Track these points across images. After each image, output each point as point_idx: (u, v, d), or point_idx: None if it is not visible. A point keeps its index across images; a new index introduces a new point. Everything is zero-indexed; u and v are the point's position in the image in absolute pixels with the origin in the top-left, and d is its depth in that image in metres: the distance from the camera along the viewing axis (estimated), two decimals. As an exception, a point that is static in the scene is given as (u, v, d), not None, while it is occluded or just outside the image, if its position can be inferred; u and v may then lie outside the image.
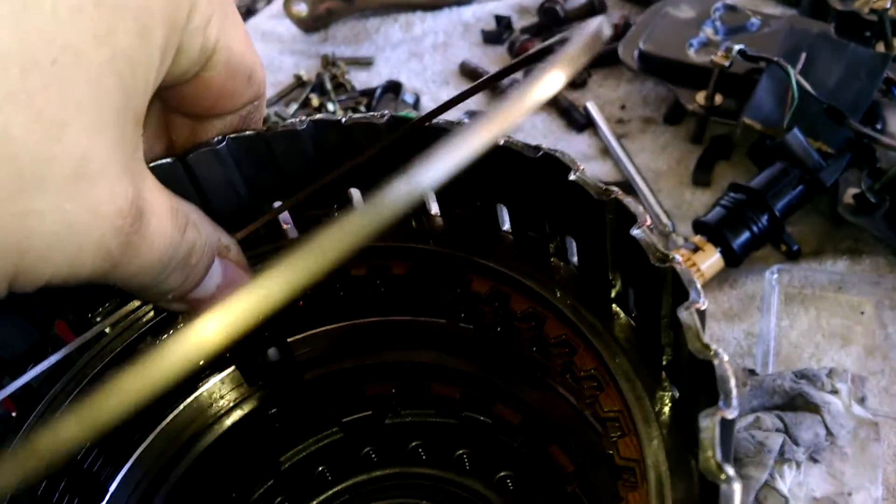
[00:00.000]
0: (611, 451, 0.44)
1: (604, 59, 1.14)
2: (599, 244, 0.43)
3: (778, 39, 0.95)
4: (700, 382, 0.33)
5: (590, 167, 1.01)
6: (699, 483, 0.31)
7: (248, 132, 0.48)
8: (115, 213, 0.33)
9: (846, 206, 0.85)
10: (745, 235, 0.83)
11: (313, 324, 0.58)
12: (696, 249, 0.84)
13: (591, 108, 1.07)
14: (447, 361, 0.58)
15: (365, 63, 1.25)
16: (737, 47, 0.92)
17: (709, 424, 0.29)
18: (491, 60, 1.22)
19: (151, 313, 0.50)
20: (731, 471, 0.28)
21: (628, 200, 0.39)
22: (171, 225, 0.37)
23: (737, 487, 0.28)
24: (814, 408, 0.73)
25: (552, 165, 0.42)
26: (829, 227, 0.89)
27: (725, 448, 0.30)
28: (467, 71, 1.19)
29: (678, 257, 0.36)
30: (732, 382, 0.32)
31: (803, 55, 0.89)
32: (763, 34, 1.02)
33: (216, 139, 0.48)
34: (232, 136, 0.48)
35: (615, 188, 0.40)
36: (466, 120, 0.45)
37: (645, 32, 1.05)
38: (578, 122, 1.06)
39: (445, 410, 0.60)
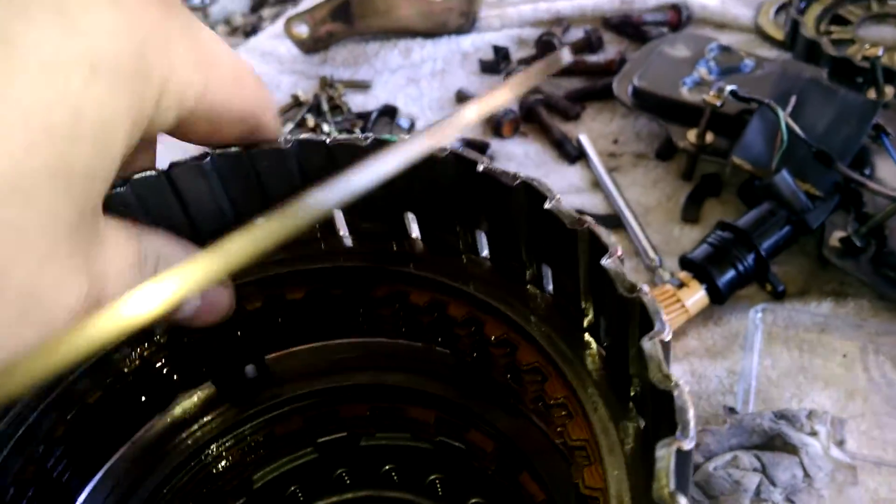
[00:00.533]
0: (577, 481, 0.44)
1: (598, 94, 1.15)
2: (573, 273, 0.43)
3: (770, 81, 0.96)
4: (661, 413, 0.33)
5: (580, 199, 1.02)
6: None
7: (232, 149, 0.49)
8: (68, 311, 0.33)
9: (832, 249, 0.86)
10: (731, 274, 0.84)
11: (291, 342, 0.58)
12: (681, 285, 0.85)
13: (584, 140, 1.08)
14: (423, 385, 0.58)
15: (362, 86, 1.26)
16: (729, 88, 0.93)
17: (664, 454, 0.29)
18: (487, 89, 1.23)
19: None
20: (684, 501, 0.29)
21: (601, 231, 0.40)
22: (136, 278, 0.37)
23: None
24: (792, 449, 0.73)
25: (529, 193, 0.42)
26: (814, 268, 0.89)
27: (681, 479, 0.30)
28: (463, 99, 1.20)
29: (646, 288, 0.37)
30: (691, 413, 0.32)
31: (793, 98, 0.90)
32: (756, 76, 1.03)
33: (200, 154, 0.49)
34: (217, 152, 0.49)
35: (589, 218, 0.40)
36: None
37: (640, 69, 1.06)
38: (571, 154, 1.07)
39: (420, 434, 0.59)
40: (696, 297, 0.84)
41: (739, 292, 0.86)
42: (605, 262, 0.38)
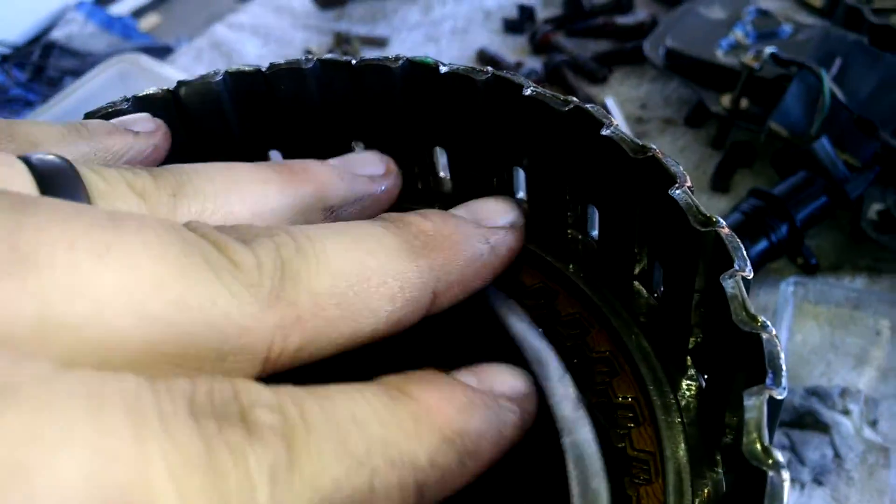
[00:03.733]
0: (621, 444, 0.40)
1: (627, 57, 1.10)
2: (628, 211, 0.38)
3: (810, 46, 0.92)
4: (742, 360, 0.29)
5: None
6: (737, 473, 0.27)
7: (246, 68, 0.44)
8: None
9: (869, 222, 0.81)
10: (763, 244, 0.80)
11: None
12: (710, 255, 0.80)
13: (611, 104, 1.03)
14: (440, 338, 0.53)
15: (379, 43, 1.21)
16: (769, 50, 0.88)
17: (755, 403, 0.25)
18: (511, 50, 1.18)
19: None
20: (780, 457, 0.24)
21: (668, 160, 0.35)
22: None
23: (786, 476, 0.24)
24: (823, 427, 0.69)
25: (583, 119, 0.38)
26: (848, 242, 0.85)
27: (772, 433, 0.26)
28: (485, 59, 1.15)
29: (722, 220, 0.32)
30: (783, 358, 0.28)
31: (837, 61, 0.86)
32: (795, 41, 0.98)
33: (212, 72, 0.44)
34: (230, 70, 0.44)
35: (653, 146, 0.36)
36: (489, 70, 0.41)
37: (673, 30, 1.01)
38: (596, 118, 1.03)
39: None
40: (725, 268, 0.80)
41: (770, 265, 0.82)
42: (675, 192, 0.33)
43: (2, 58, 2.32)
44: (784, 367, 0.27)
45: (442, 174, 0.49)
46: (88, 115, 0.43)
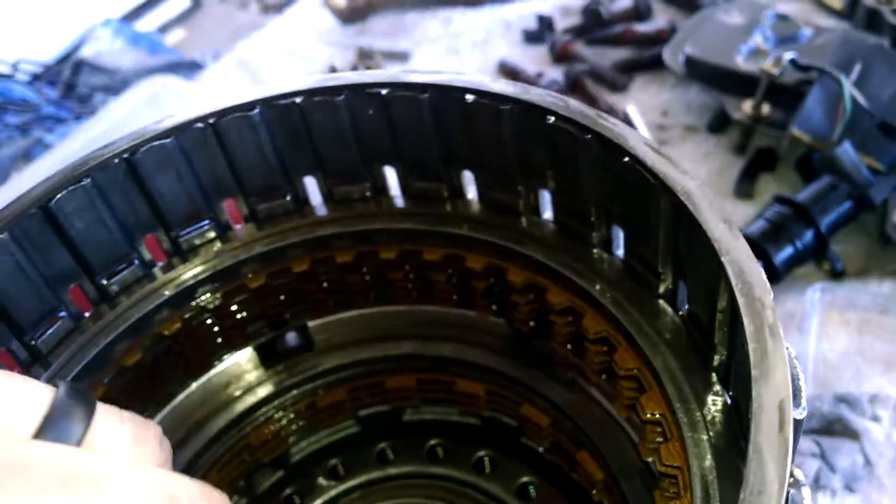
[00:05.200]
0: (650, 458, 0.41)
1: (647, 64, 1.11)
2: (652, 232, 0.40)
3: (830, 51, 0.92)
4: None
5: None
6: None
7: (282, 101, 0.46)
8: None
9: (895, 227, 0.82)
10: (788, 251, 0.80)
11: (336, 308, 0.56)
12: (735, 262, 0.81)
13: (632, 112, 1.04)
14: (474, 356, 0.55)
15: (401, 57, 1.23)
16: (788, 56, 0.89)
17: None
18: (531, 60, 1.19)
19: (167, 292, 0.48)
20: (800, 475, 0.26)
21: (691, 184, 0.36)
22: None
23: (806, 494, 0.25)
24: (853, 434, 0.69)
25: (606, 145, 0.39)
26: (875, 247, 0.85)
27: (794, 451, 0.27)
28: (506, 70, 1.16)
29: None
30: (802, 379, 0.29)
31: (857, 66, 0.86)
32: (815, 45, 0.99)
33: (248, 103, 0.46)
34: (267, 103, 0.46)
35: (684, 169, 0.37)
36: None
37: (692, 37, 1.02)
38: (617, 126, 1.03)
39: (469, 409, 0.57)
40: (751, 274, 0.80)
41: (796, 271, 0.83)
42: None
43: (33, 77, 2.36)
44: (804, 389, 0.28)
45: (470, 196, 0.50)
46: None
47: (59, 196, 0.42)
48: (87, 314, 0.47)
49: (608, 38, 1.17)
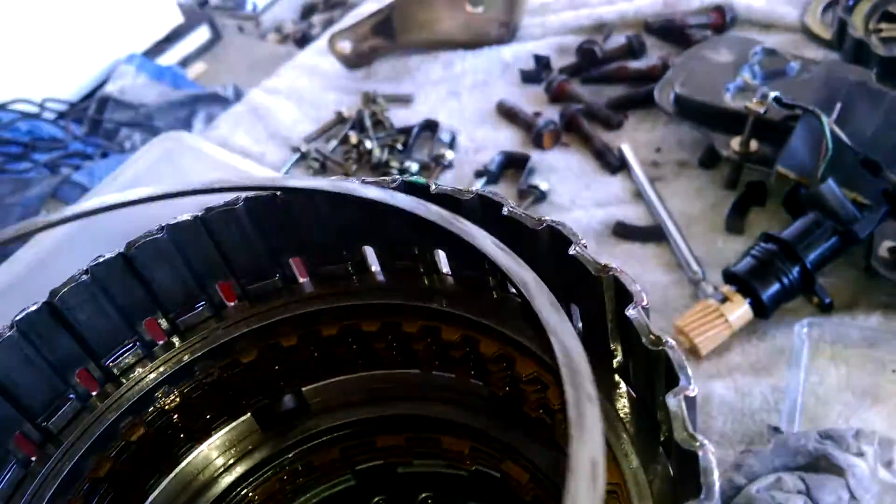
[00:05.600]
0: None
1: (641, 101, 1.14)
2: (600, 316, 0.43)
3: (813, 88, 0.94)
4: (686, 471, 0.33)
5: (622, 211, 1.01)
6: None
7: (263, 194, 0.50)
8: None
9: (881, 260, 0.83)
10: (775, 287, 0.82)
11: (327, 374, 0.59)
12: (724, 300, 0.83)
13: (626, 150, 1.07)
14: (457, 416, 0.58)
15: (404, 100, 1.27)
16: (772, 94, 0.91)
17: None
18: (528, 100, 1.22)
19: (167, 369, 0.52)
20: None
21: (625, 278, 0.40)
22: None
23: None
24: (837, 470, 0.71)
25: (554, 237, 0.42)
26: (863, 280, 0.87)
27: None
28: (504, 111, 1.20)
29: (671, 341, 0.36)
30: (715, 475, 0.32)
31: (838, 104, 0.88)
32: (801, 80, 1.01)
33: (234, 199, 0.50)
34: (250, 196, 0.50)
35: (614, 265, 0.40)
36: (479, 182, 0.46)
37: (682, 76, 1.05)
38: (612, 164, 1.06)
39: (456, 463, 0.60)
40: (739, 311, 0.83)
41: (785, 306, 0.85)
42: (630, 312, 0.37)
43: (60, 114, 2.45)
44: (716, 485, 0.31)
45: (445, 270, 0.54)
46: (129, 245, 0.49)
47: (62, 292, 0.47)
48: (93, 394, 0.52)
49: (603, 75, 1.20)
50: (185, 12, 3.26)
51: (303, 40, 3.33)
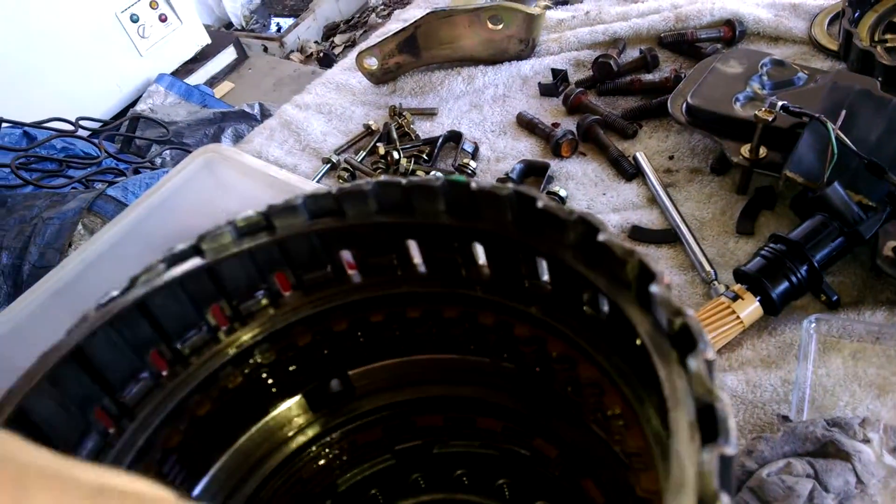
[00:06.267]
0: (634, 485, 0.50)
1: (654, 112, 1.19)
2: (626, 297, 0.48)
3: (820, 97, 0.99)
4: (707, 422, 0.38)
5: (637, 215, 1.06)
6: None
7: (322, 191, 0.56)
8: None
9: (885, 259, 0.88)
10: (784, 285, 0.87)
11: (371, 359, 0.65)
12: (736, 298, 0.88)
13: (641, 158, 1.12)
14: (491, 397, 0.63)
15: (429, 113, 1.33)
16: (780, 103, 0.96)
17: (709, 458, 0.34)
18: (547, 111, 1.28)
19: (231, 351, 0.58)
20: (726, 499, 0.34)
21: (649, 259, 0.45)
22: None
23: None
24: (844, 455, 0.75)
25: (585, 226, 0.48)
26: (869, 278, 0.92)
27: (724, 480, 0.35)
28: (524, 122, 1.25)
29: (690, 311, 0.41)
30: (731, 422, 0.37)
31: (843, 112, 0.93)
32: (808, 89, 1.06)
33: (294, 197, 0.56)
34: (310, 195, 0.56)
35: (639, 249, 0.46)
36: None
37: (693, 87, 1.10)
38: (627, 171, 1.12)
39: (489, 442, 0.65)
40: (750, 308, 0.87)
41: (793, 303, 0.89)
42: (653, 288, 0.43)
43: (93, 132, 2.52)
44: (733, 431, 0.36)
45: (481, 262, 0.59)
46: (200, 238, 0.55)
47: (140, 278, 0.53)
48: (164, 373, 0.57)
49: (618, 87, 1.25)
50: (213, 34, 3.36)
51: (325, 59, 3.43)
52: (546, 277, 0.56)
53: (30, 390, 0.46)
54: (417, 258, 0.60)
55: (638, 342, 0.50)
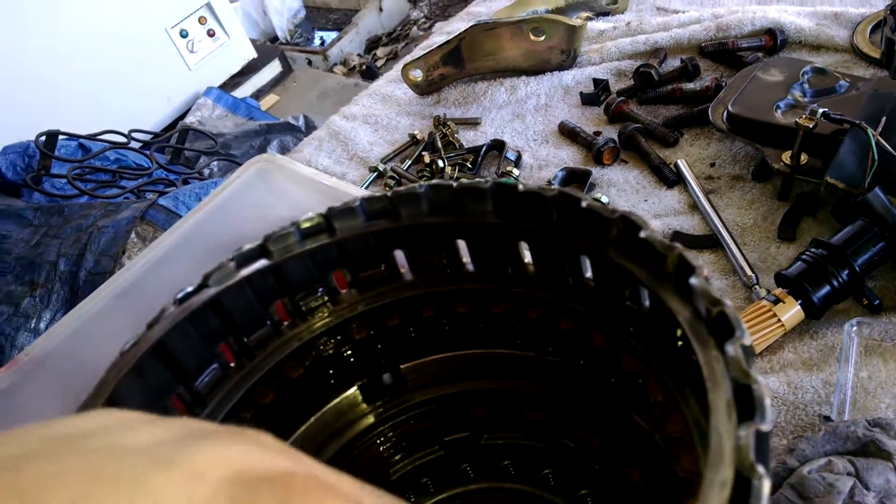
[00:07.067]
0: (675, 466, 0.52)
1: (695, 120, 1.21)
2: (666, 291, 0.51)
3: (860, 104, 1.00)
4: (744, 403, 0.40)
5: (678, 221, 1.08)
6: (734, 482, 0.39)
7: (378, 194, 0.60)
8: None
9: (927, 264, 0.89)
10: (826, 289, 0.88)
11: (422, 353, 0.68)
12: (777, 301, 0.90)
13: (682, 165, 1.14)
14: (537, 389, 0.66)
15: (473, 123, 1.37)
16: (821, 110, 0.98)
17: (745, 434, 0.37)
18: (588, 120, 1.31)
19: (293, 344, 0.62)
20: (762, 470, 0.36)
21: (689, 254, 0.48)
22: None
23: (766, 484, 0.36)
24: (886, 455, 0.76)
25: (627, 224, 0.51)
26: (911, 282, 0.92)
27: (760, 455, 0.37)
28: (566, 131, 1.28)
29: (728, 302, 0.44)
30: (767, 401, 0.39)
31: (883, 119, 0.94)
32: (850, 96, 1.07)
33: (352, 200, 0.60)
34: (366, 198, 0.60)
35: (678, 244, 0.48)
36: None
37: (734, 95, 1.12)
38: (669, 178, 1.14)
39: (534, 433, 0.68)
40: (791, 312, 0.89)
41: (835, 307, 0.91)
42: (693, 280, 0.45)
43: (144, 144, 2.62)
44: (768, 408, 0.38)
45: (527, 260, 0.62)
46: (266, 237, 0.59)
47: (212, 275, 0.57)
48: (232, 364, 0.61)
49: (659, 96, 1.28)
50: (258, 48, 3.46)
51: (368, 72, 3.51)
52: (589, 274, 0.59)
53: (119, 380, 0.50)
54: (466, 257, 0.64)
55: (678, 332, 0.53)
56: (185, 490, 0.26)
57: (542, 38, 1.35)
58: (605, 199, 1.12)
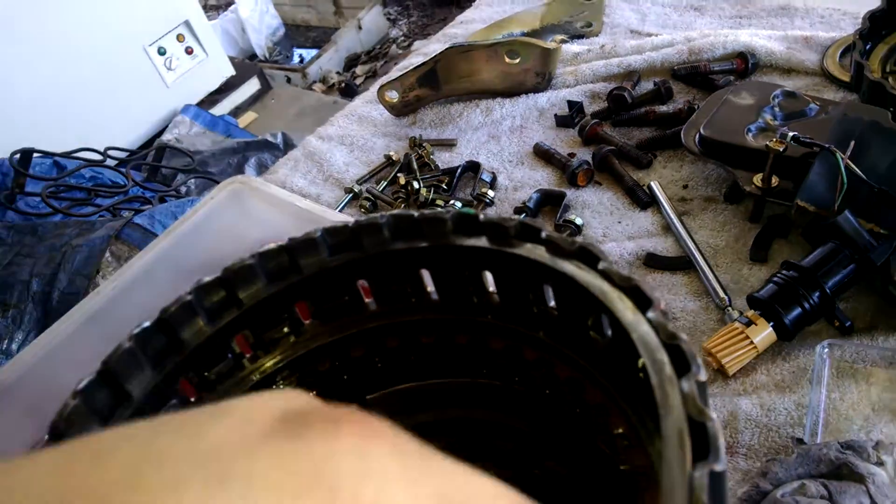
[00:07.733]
0: (640, 502, 0.52)
1: (668, 142, 1.22)
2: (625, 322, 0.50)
3: (829, 128, 1.01)
4: (699, 441, 0.40)
5: (652, 242, 1.08)
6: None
7: (339, 224, 0.59)
8: None
9: (897, 285, 0.89)
10: (797, 311, 0.89)
11: (388, 384, 0.67)
12: (749, 323, 0.90)
13: (655, 187, 1.15)
14: (504, 419, 0.66)
15: (448, 144, 1.37)
16: (791, 133, 0.99)
17: (700, 475, 0.36)
18: (563, 142, 1.31)
19: (254, 377, 0.61)
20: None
21: (645, 286, 0.47)
22: None
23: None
24: (858, 478, 0.76)
25: (585, 255, 0.50)
26: (882, 304, 0.93)
27: (716, 496, 0.37)
28: (541, 152, 1.28)
29: (684, 336, 0.44)
30: (721, 441, 0.39)
31: (852, 143, 0.95)
32: (819, 120, 1.08)
33: (314, 230, 0.59)
34: (327, 228, 0.59)
35: (636, 277, 0.48)
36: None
37: (706, 118, 1.13)
38: (642, 200, 1.14)
39: (502, 462, 0.67)
40: (764, 334, 0.89)
41: (807, 328, 0.91)
42: (650, 314, 0.45)
43: (120, 162, 2.60)
44: (722, 449, 0.38)
45: (491, 289, 0.62)
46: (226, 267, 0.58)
47: (171, 310, 0.56)
48: (192, 399, 0.60)
49: (632, 118, 1.28)
50: (237, 66, 3.45)
51: (347, 90, 3.51)
52: (553, 303, 0.59)
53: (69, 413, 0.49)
54: (431, 286, 0.63)
55: (640, 363, 0.53)
56: (238, 430, 0.26)
57: (517, 60, 1.36)
58: (579, 221, 1.12)
